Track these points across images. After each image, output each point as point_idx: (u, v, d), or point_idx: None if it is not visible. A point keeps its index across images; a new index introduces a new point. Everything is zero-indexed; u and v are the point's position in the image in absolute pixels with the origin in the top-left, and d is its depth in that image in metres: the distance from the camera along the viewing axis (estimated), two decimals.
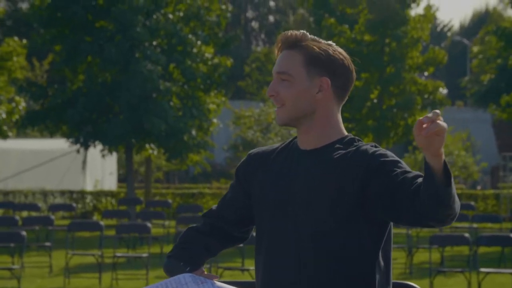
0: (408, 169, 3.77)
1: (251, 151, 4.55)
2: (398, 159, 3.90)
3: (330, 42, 4.06)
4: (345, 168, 3.86)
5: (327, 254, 3.81)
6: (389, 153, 3.89)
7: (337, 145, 4.01)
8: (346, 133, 4.13)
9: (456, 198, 3.38)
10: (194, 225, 4.49)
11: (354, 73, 4.08)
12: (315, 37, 4.06)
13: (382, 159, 3.81)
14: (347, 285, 3.83)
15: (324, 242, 3.83)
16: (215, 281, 4.00)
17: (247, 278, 16.83)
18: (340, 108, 4.16)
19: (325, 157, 3.98)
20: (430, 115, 3.07)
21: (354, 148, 3.99)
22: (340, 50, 4.04)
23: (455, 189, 3.33)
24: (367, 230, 3.81)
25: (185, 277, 3.95)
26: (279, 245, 3.98)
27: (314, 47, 3.97)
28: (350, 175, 3.82)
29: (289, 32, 4.07)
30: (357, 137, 4.17)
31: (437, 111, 3.04)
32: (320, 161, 3.99)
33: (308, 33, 4.04)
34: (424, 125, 2.88)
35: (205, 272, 4.06)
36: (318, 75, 3.90)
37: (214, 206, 4.49)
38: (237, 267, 19.86)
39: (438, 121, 3.12)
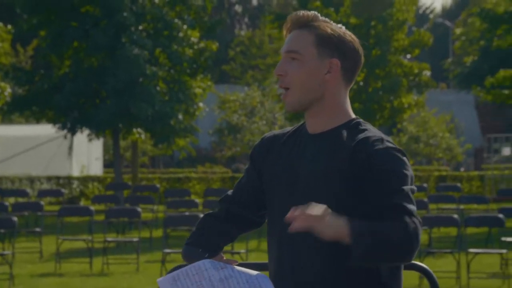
0: (401, 185, 3.75)
1: (265, 134, 4.54)
2: (400, 163, 3.87)
3: (340, 24, 4.01)
4: (348, 154, 3.81)
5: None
6: (397, 157, 3.89)
7: (344, 129, 3.97)
8: (353, 115, 4.11)
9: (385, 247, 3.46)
10: (211, 211, 4.51)
11: (362, 57, 4.06)
12: (326, 18, 4.04)
13: (380, 163, 3.80)
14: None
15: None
16: (234, 266, 4.03)
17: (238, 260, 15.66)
18: (348, 91, 4.12)
19: (331, 141, 3.96)
20: (296, 213, 3.32)
21: (359, 135, 3.92)
22: (350, 33, 4.02)
23: (379, 252, 3.44)
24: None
25: (204, 263, 3.94)
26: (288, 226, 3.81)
27: (327, 27, 3.93)
28: (352, 161, 3.78)
29: (301, 12, 4.01)
30: (362, 121, 4.12)
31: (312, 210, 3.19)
32: (326, 145, 3.98)
33: (318, 15, 4.00)
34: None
35: (224, 258, 4.07)
36: (329, 56, 3.88)
37: (229, 191, 4.54)
38: (228, 250, 18.77)
39: (301, 218, 3.27)
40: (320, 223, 3.37)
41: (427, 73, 36.53)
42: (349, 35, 3.98)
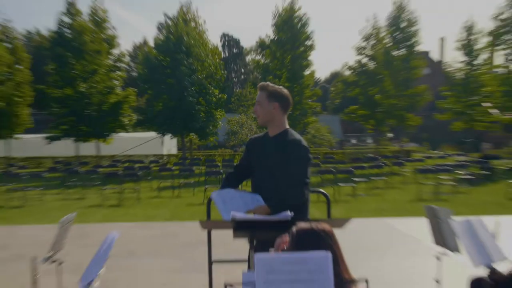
0: (299, 167, 5.05)
1: (251, 136, 5.85)
2: (304, 153, 5.15)
3: (280, 86, 5.32)
4: (286, 147, 5.14)
5: (276, 179, 5.03)
6: (302, 146, 5.19)
7: (282, 134, 5.26)
8: (287, 127, 5.29)
9: (286, 200, 4.85)
10: (230, 170, 5.75)
11: (291, 100, 5.30)
12: (272, 84, 5.28)
13: (297, 148, 5.10)
14: (287, 188, 5.00)
15: (275, 174, 5.08)
16: (246, 190, 5.20)
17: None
18: (285, 116, 5.32)
19: (277, 139, 5.27)
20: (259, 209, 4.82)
21: (288, 135, 5.22)
22: (285, 89, 5.30)
23: (281, 204, 4.76)
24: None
25: (230, 191, 5.17)
26: (260, 177, 5.25)
27: (272, 88, 5.22)
28: (288, 150, 5.12)
29: (262, 83, 5.30)
30: (290, 129, 5.31)
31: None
32: (275, 141, 5.27)
33: (269, 83, 5.28)
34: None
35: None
36: (273, 101, 5.18)
37: (238, 162, 5.73)
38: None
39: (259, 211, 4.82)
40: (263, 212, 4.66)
41: (318, 107, 39.87)
42: (284, 91, 5.28)
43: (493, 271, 4.83)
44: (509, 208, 16.23)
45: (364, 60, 39.19)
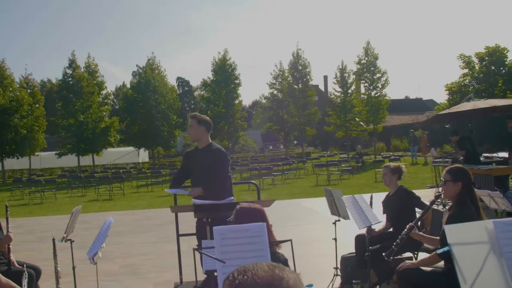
0: (222, 165, 5.04)
1: (187, 150, 5.85)
2: (225, 157, 5.12)
3: (205, 118, 5.19)
4: (212, 154, 5.05)
5: (211, 179, 4.91)
6: (223, 152, 5.15)
7: (208, 146, 5.16)
8: (210, 141, 5.17)
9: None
10: (174, 175, 5.56)
11: (211, 124, 5.17)
12: (199, 114, 5.25)
13: (219, 154, 5.07)
14: (217, 185, 4.94)
15: (208, 176, 4.94)
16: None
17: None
18: (209, 134, 5.19)
19: (205, 150, 5.14)
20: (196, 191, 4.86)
21: (213, 147, 5.14)
22: (206, 117, 5.19)
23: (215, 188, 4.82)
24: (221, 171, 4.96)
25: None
26: (198, 177, 5.08)
27: (199, 117, 5.13)
28: (213, 156, 5.03)
29: (192, 113, 5.29)
30: (213, 142, 5.17)
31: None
32: (204, 152, 5.13)
33: (197, 113, 5.22)
34: None
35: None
36: (201, 126, 5.09)
37: (178, 170, 5.60)
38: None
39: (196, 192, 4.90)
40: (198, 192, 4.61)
41: (245, 125, 38.70)
42: (207, 118, 5.17)
43: (370, 230, 5.01)
44: (377, 188, 16.50)
45: (275, 92, 39.61)
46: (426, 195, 11.80)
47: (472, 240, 2.35)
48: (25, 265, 4.71)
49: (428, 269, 3.98)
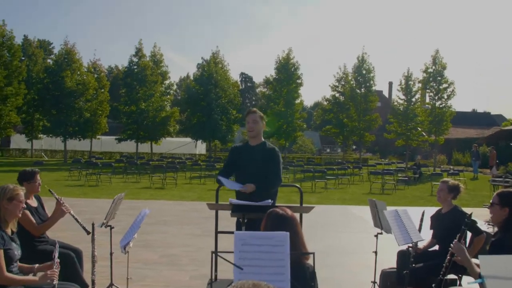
0: (278, 165, 4.99)
1: (234, 145, 5.51)
2: (279, 156, 5.08)
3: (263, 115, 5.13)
4: (267, 153, 5.02)
5: (262, 178, 4.83)
6: (277, 151, 5.09)
7: (262, 144, 5.12)
8: (263, 139, 5.12)
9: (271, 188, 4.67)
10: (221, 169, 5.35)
11: (265, 120, 5.06)
12: (257, 110, 5.13)
13: (274, 154, 4.99)
14: (267, 185, 4.87)
15: (260, 174, 4.87)
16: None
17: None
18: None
19: (260, 148, 5.10)
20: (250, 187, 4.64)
21: (268, 146, 5.10)
22: (262, 114, 5.15)
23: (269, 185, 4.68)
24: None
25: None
26: (247, 176, 4.93)
27: (260, 113, 5.10)
28: (269, 155, 5.00)
29: (254, 108, 5.23)
30: (267, 141, 5.16)
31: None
32: (259, 150, 5.09)
33: (257, 109, 5.13)
34: None
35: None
36: (262, 122, 5.07)
37: (225, 164, 5.41)
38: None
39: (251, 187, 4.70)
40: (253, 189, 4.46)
41: (304, 125, 39.15)
42: (264, 117, 5.08)
43: (414, 246, 4.78)
44: (432, 202, 15.90)
45: (337, 94, 39.03)
46: (481, 214, 11.28)
47: (509, 275, 2.12)
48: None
49: None
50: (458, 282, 4.95)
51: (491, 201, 3.77)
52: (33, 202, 5.16)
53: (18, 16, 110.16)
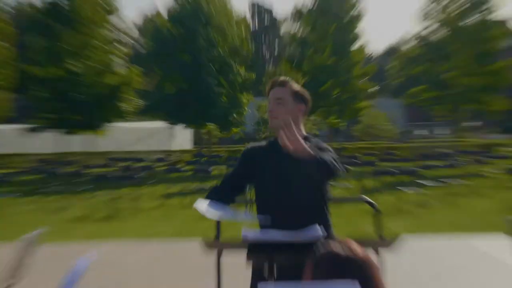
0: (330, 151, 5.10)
1: (250, 145, 5.92)
2: (328, 147, 5.21)
3: (304, 91, 5.29)
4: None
5: (305, 196, 5.00)
6: (331, 150, 5.26)
7: (304, 140, 4.70)
8: (305, 132, 5.31)
9: (329, 164, 4.52)
10: (217, 184, 5.58)
11: (310, 103, 5.27)
12: (294, 82, 5.27)
13: (325, 145, 5.10)
14: (314, 208, 5.06)
15: (302, 191, 5.01)
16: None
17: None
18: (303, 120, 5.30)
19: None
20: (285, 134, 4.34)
21: (313, 142, 5.16)
22: (305, 91, 5.31)
23: (326, 159, 4.47)
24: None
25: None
26: (275, 195, 5.16)
27: (295, 87, 5.20)
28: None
29: (283, 78, 5.25)
30: (310, 135, 5.35)
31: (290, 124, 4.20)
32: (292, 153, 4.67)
33: (291, 79, 5.27)
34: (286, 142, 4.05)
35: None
36: (298, 102, 5.15)
37: (229, 173, 5.68)
38: None
39: (288, 137, 4.32)
40: (298, 143, 4.38)
41: (373, 88, 40.91)
42: (303, 90, 5.27)
43: None
44: None
45: (431, 28, 39.50)
46: None
47: None
48: None
49: None
50: None
51: None
52: None
53: None
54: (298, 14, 40.51)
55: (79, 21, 34.62)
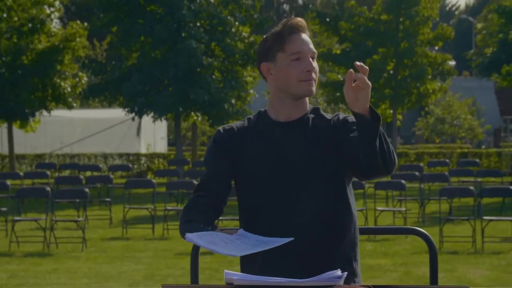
0: None
1: (223, 127, 4.82)
2: None
3: None
4: (327, 131, 4.28)
5: (322, 204, 4.19)
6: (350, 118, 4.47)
7: (313, 115, 4.34)
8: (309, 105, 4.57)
9: (391, 152, 3.79)
10: (198, 193, 4.60)
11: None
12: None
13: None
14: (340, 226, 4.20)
15: (318, 196, 4.17)
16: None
17: None
18: None
19: (306, 126, 4.40)
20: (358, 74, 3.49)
21: (325, 116, 4.37)
22: None
23: (386, 140, 3.76)
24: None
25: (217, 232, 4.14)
26: (284, 197, 4.35)
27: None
28: (334, 131, 4.24)
29: (302, 19, 4.29)
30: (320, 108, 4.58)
31: (365, 66, 3.45)
32: (304, 131, 4.37)
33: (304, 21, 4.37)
34: (354, 82, 3.33)
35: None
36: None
37: (204, 178, 4.76)
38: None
39: (364, 77, 3.49)
40: (369, 92, 3.62)
41: (450, 62, 38.19)
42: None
43: None
44: None
45: None
46: None
47: None
48: None
49: None
50: None
51: None
52: None
53: None
54: None
55: None
